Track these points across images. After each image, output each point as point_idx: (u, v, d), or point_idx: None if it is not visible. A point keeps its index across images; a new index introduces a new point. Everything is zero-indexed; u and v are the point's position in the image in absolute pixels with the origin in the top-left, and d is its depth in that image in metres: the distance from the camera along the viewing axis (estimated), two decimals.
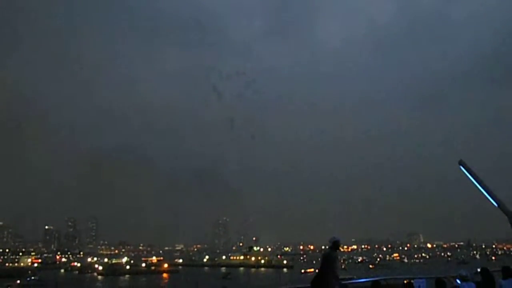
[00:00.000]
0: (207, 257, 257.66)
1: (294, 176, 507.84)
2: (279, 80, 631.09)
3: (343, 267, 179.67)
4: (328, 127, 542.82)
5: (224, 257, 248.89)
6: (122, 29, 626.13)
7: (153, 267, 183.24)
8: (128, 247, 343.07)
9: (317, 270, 10.65)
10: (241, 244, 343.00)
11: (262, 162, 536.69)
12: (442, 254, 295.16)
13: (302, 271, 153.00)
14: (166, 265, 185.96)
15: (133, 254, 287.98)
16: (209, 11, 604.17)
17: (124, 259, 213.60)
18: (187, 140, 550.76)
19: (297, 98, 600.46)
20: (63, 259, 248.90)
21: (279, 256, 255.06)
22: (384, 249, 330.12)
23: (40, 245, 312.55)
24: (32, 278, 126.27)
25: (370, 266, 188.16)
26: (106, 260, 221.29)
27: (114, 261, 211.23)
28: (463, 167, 11.68)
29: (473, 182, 11.37)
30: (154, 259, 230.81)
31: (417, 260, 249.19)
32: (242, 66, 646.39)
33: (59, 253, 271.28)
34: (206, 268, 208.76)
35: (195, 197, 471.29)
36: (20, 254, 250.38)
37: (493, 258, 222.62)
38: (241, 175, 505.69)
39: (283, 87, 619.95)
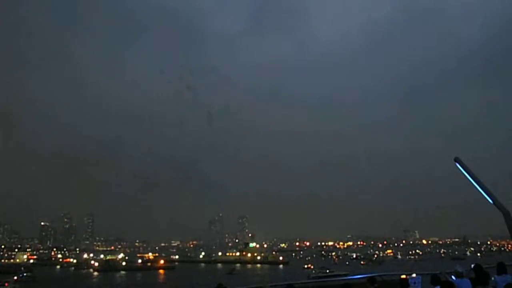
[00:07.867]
0: (203, 253, 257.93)
1: (290, 173, 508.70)
2: (269, 74, 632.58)
3: (347, 263, 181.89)
4: (321, 121, 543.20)
5: (220, 253, 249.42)
6: (105, 23, 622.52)
7: (149, 263, 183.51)
8: (124, 243, 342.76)
9: None
10: (237, 241, 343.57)
11: (259, 160, 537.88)
12: (437, 250, 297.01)
13: (305, 266, 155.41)
14: (162, 261, 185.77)
15: (129, 251, 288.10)
16: (195, 5, 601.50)
17: (120, 255, 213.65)
18: (175, 137, 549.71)
19: (287, 92, 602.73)
20: (59, 256, 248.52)
21: (274, 253, 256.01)
22: (380, 245, 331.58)
23: (36, 241, 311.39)
24: (25, 274, 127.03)
25: (362, 262, 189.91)
26: (102, 256, 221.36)
27: (110, 257, 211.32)
28: (459, 164, 11.72)
29: (468, 179, 11.41)
30: (150, 255, 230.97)
31: (412, 257, 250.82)
32: (225, 60, 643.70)
33: (55, 249, 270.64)
34: (202, 264, 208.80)
35: (191, 194, 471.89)
36: (16, 250, 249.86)
37: (479, 255, 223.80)
38: (235, 173, 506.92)
39: (272, 81, 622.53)
